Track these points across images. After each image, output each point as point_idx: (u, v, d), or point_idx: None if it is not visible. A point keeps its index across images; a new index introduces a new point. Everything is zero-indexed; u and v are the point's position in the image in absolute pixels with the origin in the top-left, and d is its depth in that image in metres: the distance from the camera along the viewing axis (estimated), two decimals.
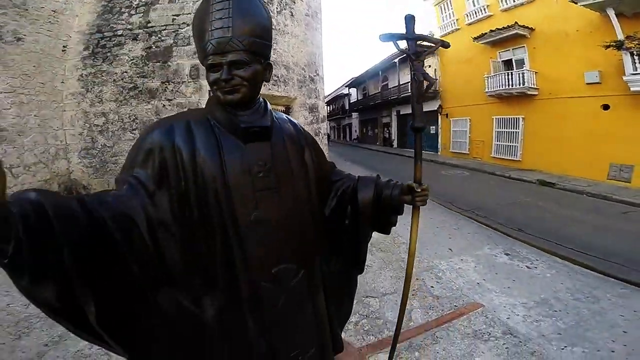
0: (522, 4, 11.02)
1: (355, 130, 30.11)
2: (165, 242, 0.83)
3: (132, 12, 5.84)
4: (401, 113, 19.78)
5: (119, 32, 5.83)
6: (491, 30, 11.45)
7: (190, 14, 5.71)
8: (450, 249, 3.96)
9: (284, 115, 1.15)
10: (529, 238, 4.53)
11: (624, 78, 7.74)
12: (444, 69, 15.37)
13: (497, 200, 7.04)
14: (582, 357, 1.98)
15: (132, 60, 5.74)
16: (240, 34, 0.86)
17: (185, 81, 5.72)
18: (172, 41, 5.68)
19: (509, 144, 11.95)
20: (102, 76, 5.83)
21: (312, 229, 1.09)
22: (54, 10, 5.61)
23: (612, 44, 7.78)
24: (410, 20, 1.20)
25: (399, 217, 1.24)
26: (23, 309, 2.54)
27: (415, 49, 1.20)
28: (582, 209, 6.29)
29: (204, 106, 1.06)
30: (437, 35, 15.30)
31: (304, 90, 8.04)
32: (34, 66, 5.35)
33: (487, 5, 12.41)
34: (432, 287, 2.93)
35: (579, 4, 8.34)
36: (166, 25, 5.73)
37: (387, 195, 1.17)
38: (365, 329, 2.26)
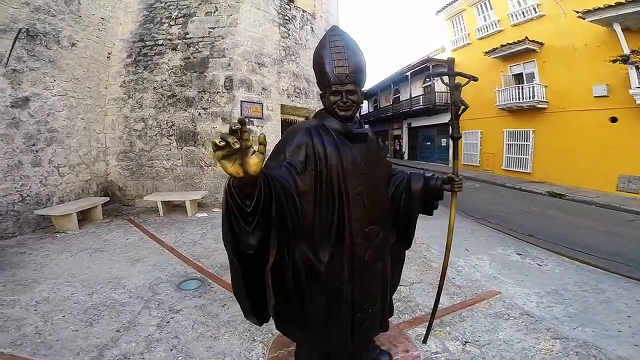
0: (531, 19, 11.36)
1: None
2: (305, 207, 1.25)
3: (172, 23, 6.35)
4: (412, 125, 19.91)
5: (160, 42, 6.34)
6: (502, 45, 11.79)
7: (224, 27, 6.21)
8: (466, 249, 4.27)
9: (367, 127, 1.60)
10: (538, 242, 4.83)
11: (630, 91, 7.98)
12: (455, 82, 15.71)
13: (508, 209, 7.32)
14: (592, 335, 2.29)
15: (171, 69, 6.25)
16: (352, 71, 1.31)
17: (219, 91, 6.17)
18: (208, 53, 6.17)
19: (520, 156, 12.15)
20: (143, 83, 6.34)
21: (386, 202, 1.53)
22: (103, 18, 6.13)
23: (618, 58, 8.01)
24: (450, 61, 1.69)
25: (416, 226, 1.71)
26: (87, 297, 2.75)
27: (455, 82, 1.69)
28: (589, 217, 6.56)
29: (237, 115, 1.70)
30: (449, 48, 15.74)
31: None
32: (83, 71, 5.86)
33: (498, 20, 12.78)
34: (453, 278, 3.27)
35: (587, 19, 8.61)
36: (203, 37, 6.22)
37: (433, 185, 1.63)
38: (400, 309, 2.61)
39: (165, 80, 6.27)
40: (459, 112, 1.68)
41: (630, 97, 8.04)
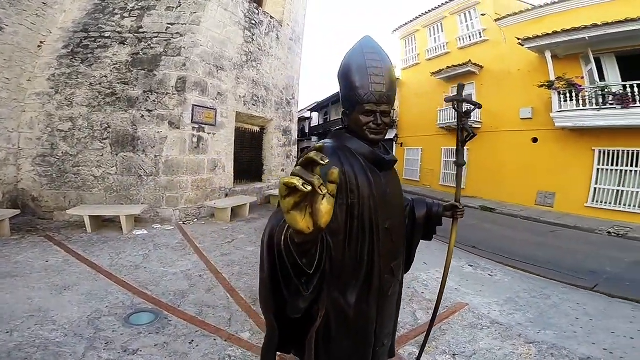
0: (476, 43, 12.56)
1: None
2: (335, 247, 1.06)
3: (125, 14, 5.71)
4: None
5: (107, 34, 5.63)
6: (447, 67, 12.80)
7: (185, 24, 5.75)
8: (425, 263, 4.44)
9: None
10: (483, 253, 5.29)
11: (551, 115, 9.16)
12: (403, 100, 16.57)
13: (449, 223, 7.90)
14: (555, 337, 2.53)
15: (114, 64, 5.55)
16: (389, 89, 1.18)
17: (169, 93, 5.62)
18: (162, 50, 5.63)
19: (455, 172, 13.30)
20: (78, 78, 5.52)
21: (404, 233, 1.43)
22: (45, 3, 5.29)
23: (544, 83, 9.13)
24: (461, 87, 1.70)
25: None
26: (6, 336, 2.20)
27: (464, 109, 1.70)
28: (518, 229, 7.43)
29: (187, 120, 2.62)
30: (399, 67, 16.62)
31: (280, 112, 8.31)
32: (4, 59, 4.94)
33: (446, 43, 13.92)
34: (422, 292, 3.36)
35: (525, 46, 9.64)
36: (159, 32, 5.68)
37: (435, 212, 1.61)
38: None
39: (106, 77, 5.52)
40: (466, 139, 1.69)
41: (551, 119, 9.21)
